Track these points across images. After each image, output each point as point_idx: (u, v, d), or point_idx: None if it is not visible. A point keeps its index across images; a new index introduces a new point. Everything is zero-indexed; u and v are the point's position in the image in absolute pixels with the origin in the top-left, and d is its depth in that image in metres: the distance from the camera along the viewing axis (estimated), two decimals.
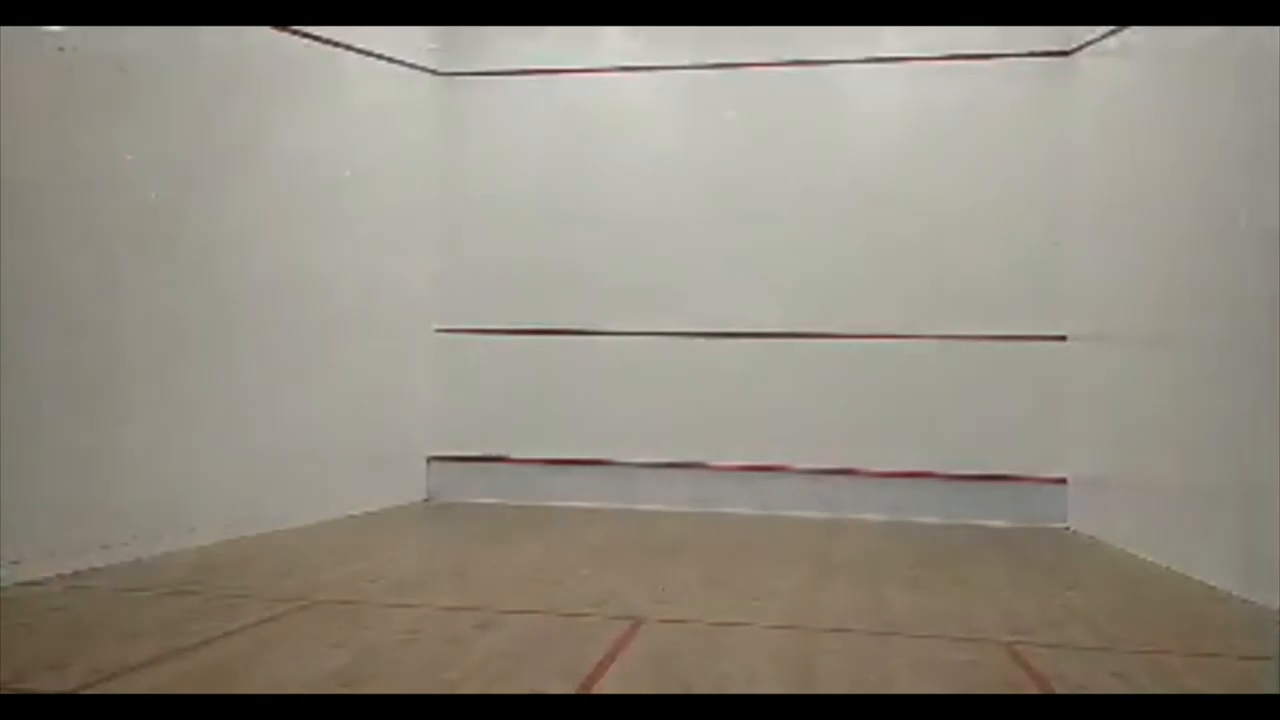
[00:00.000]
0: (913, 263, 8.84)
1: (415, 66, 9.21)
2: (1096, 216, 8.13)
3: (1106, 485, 7.92)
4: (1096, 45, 8.17)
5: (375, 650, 4.33)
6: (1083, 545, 7.72)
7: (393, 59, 8.93)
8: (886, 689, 3.92)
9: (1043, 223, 8.70)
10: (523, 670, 4.08)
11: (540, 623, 4.90)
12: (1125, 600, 5.73)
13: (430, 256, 9.45)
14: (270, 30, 7.49)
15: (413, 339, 9.36)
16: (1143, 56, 7.53)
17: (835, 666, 4.23)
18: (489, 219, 9.54)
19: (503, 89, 9.59)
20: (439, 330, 9.54)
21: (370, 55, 8.62)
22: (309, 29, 7.88)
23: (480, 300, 9.52)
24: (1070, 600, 5.67)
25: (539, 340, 9.40)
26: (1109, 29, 7.89)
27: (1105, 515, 7.85)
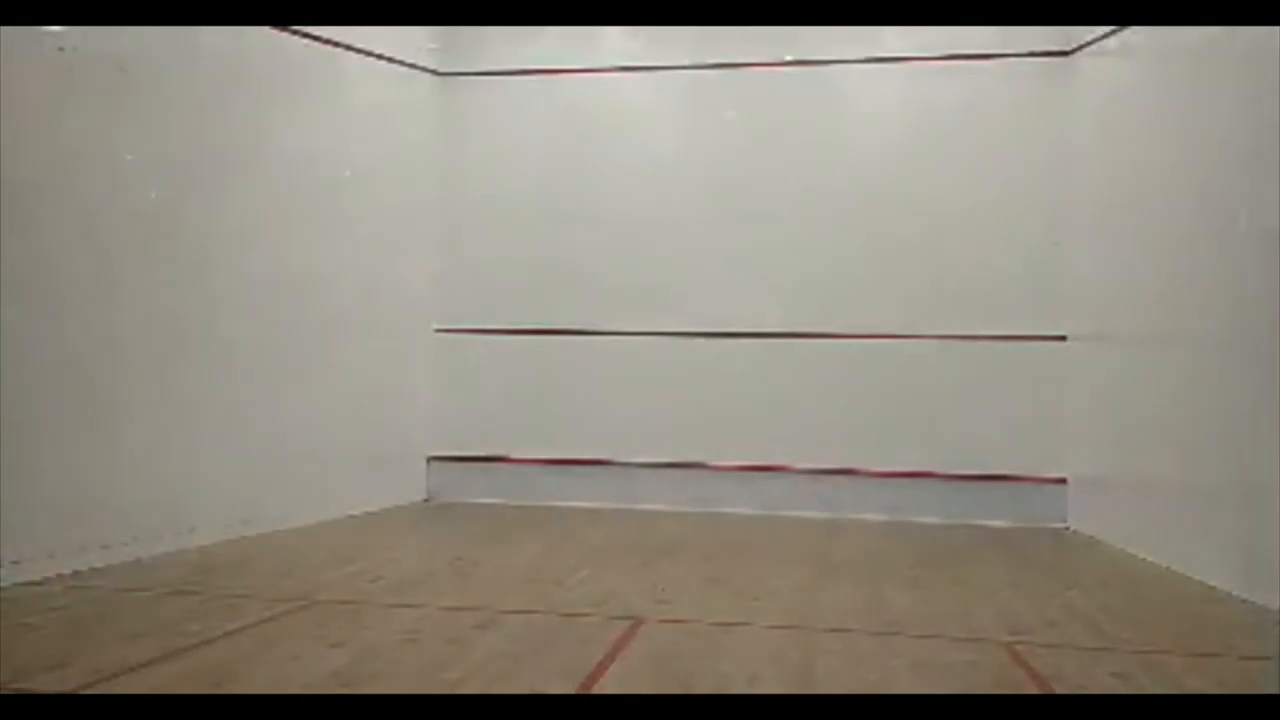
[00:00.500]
0: (913, 263, 8.84)
1: (415, 66, 9.21)
2: (1096, 216, 8.13)
3: (1106, 485, 7.92)
4: (1096, 45, 8.17)
5: (375, 650, 4.33)
6: (1083, 545, 7.72)
7: (393, 59, 8.93)
8: (886, 689, 3.92)
9: (1043, 223, 8.70)
10: (523, 670, 4.08)
11: (540, 623, 4.90)
12: (1125, 600, 5.73)
13: (430, 256, 9.45)
14: (270, 30, 7.50)
15: (413, 339, 9.36)
16: (1143, 56, 7.53)
17: (835, 666, 4.23)
18: (489, 219, 9.55)
19: (503, 89, 9.59)
20: (439, 330, 9.54)
21: (370, 55, 8.62)
22: (309, 29, 7.88)
23: (480, 300, 9.52)
24: (1070, 600, 5.67)
25: (539, 340, 9.41)
26: (1109, 29, 7.89)
27: (1105, 515, 7.85)
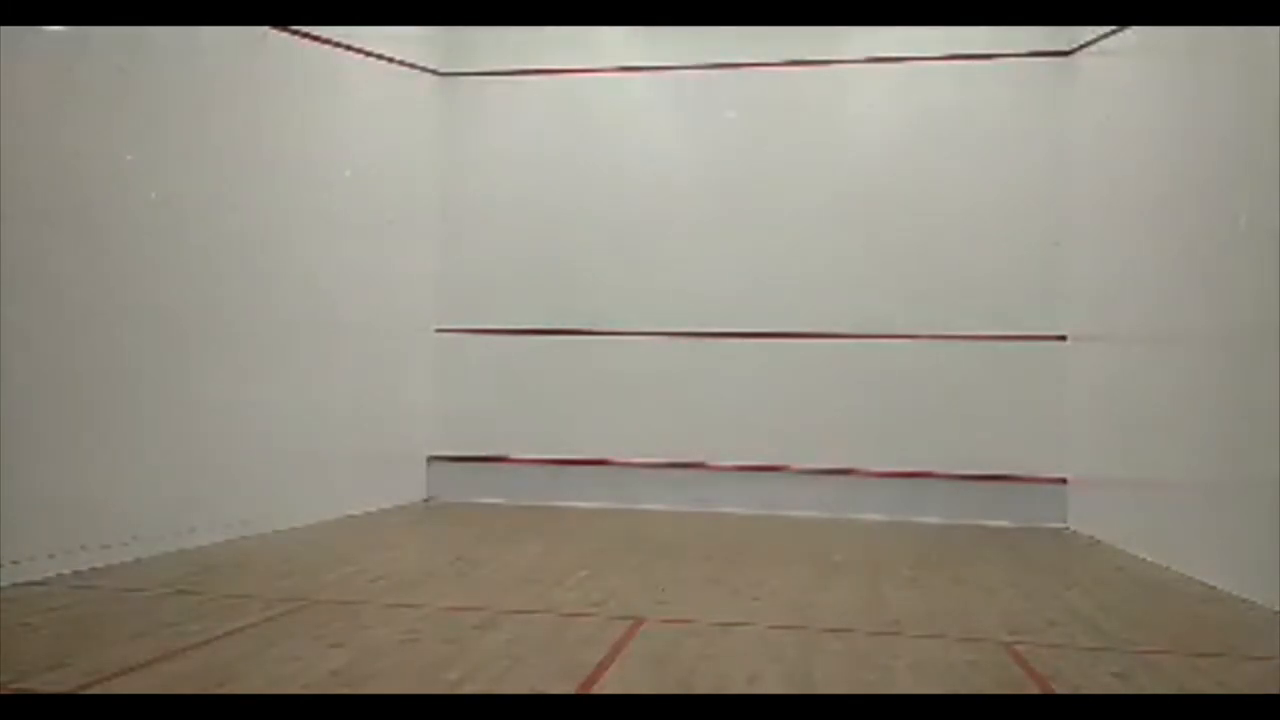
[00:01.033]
0: (913, 262, 8.85)
1: (415, 66, 9.21)
2: (1096, 216, 8.13)
3: (1106, 485, 7.92)
4: (1096, 45, 8.18)
5: (375, 650, 4.33)
6: (1083, 545, 7.72)
7: (393, 59, 8.94)
8: (886, 689, 3.92)
9: (1043, 223, 8.70)
10: (523, 670, 4.08)
11: (540, 623, 4.90)
12: (1125, 600, 5.73)
13: (430, 256, 9.45)
14: (270, 30, 7.49)
15: (413, 339, 9.36)
16: (1143, 56, 7.53)
17: (835, 666, 4.23)
18: (489, 219, 9.55)
19: (503, 89, 9.60)
20: (439, 330, 9.55)
21: (370, 55, 8.62)
22: (309, 29, 7.88)
23: (480, 300, 9.52)
24: (1070, 600, 5.67)
25: (539, 340, 9.41)
26: (1109, 29, 7.89)
27: (1105, 515, 7.85)
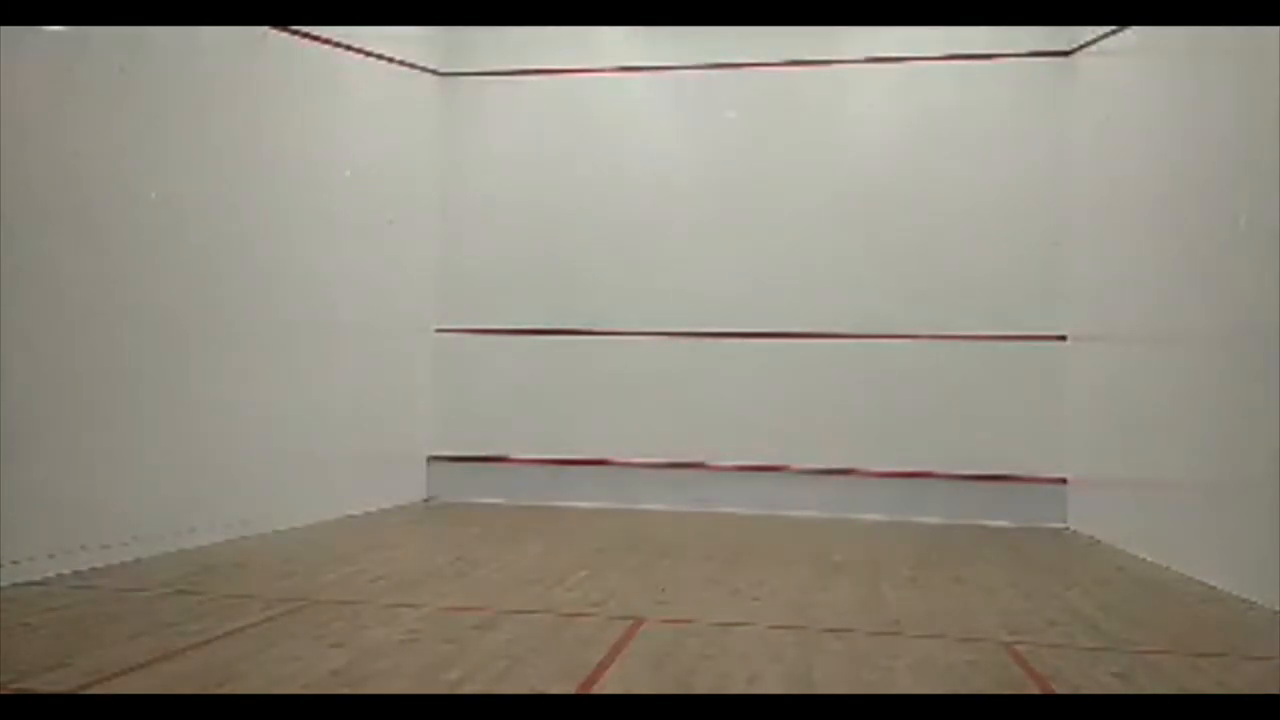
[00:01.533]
0: (913, 262, 8.85)
1: (415, 66, 9.21)
2: (1096, 216, 8.13)
3: (1106, 485, 7.92)
4: (1096, 45, 8.18)
5: (375, 650, 4.33)
6: (1083, 545, 7.72)
7: (393, 59, 8.94)
8: (886, 689, 3.92)
9: (1043, 223, 8.70)
10: (523, 670, 4.08)
11: (540, 623, 4.90)
12: (1125, 600, 5.73)
13: (430, 256, 9.45)
14: (270, 30, 7.49)
15: (413, 339, 9.36)
16: (1143, 56, 7.53)
17: (835, 666, 4.23)
18: (489, 219, 9.55)
19: (503, 89, 9.60)
20: (439, 330, 9.55)
21: (370, 55, 8.62)
22: (309, 29, 7.88)
23: (480, 300, 9.52)
24: (1070, 600, 5.67)
25: (539, 340, 9.41)
26: (1109, 29, 7.89)
27: (1105, 515, 7.85)
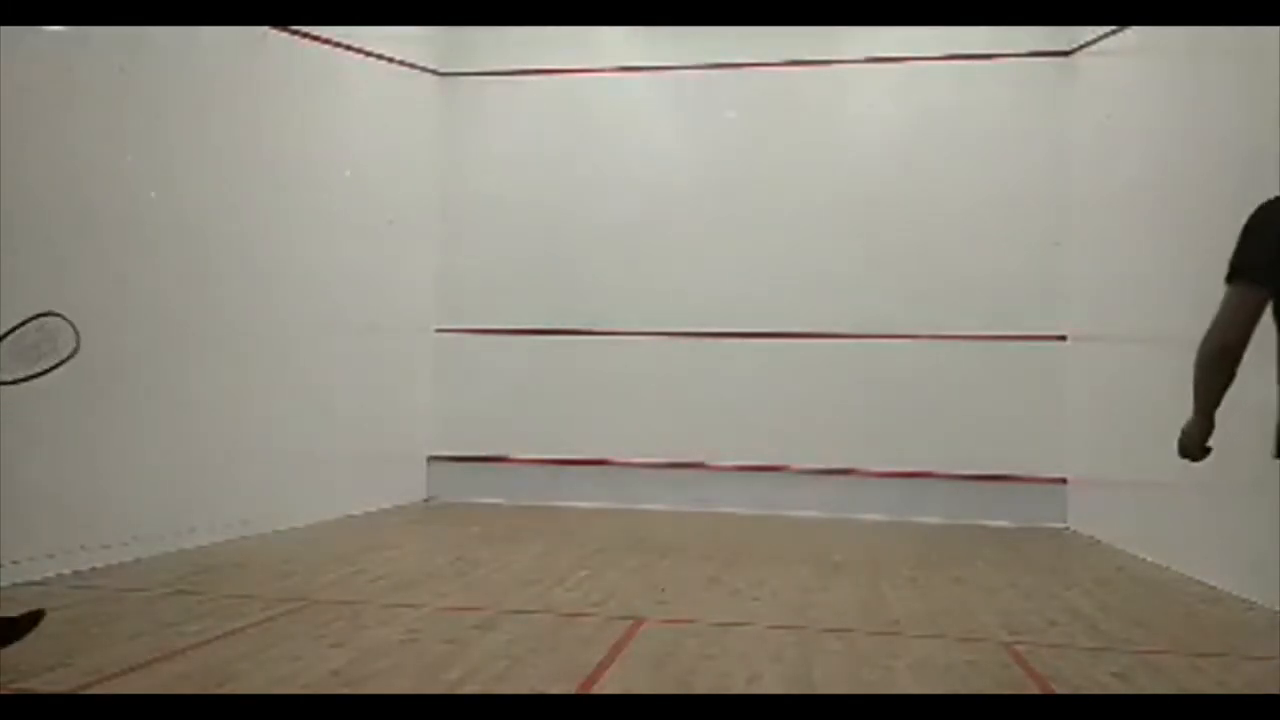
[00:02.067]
0: (913, 262, 8.84)
1: (415, 66, 9.21)
2: (1096, 216, 8.13)
3: (1106, 485, 7.92)
4: (1096, 45, 8.17)
5: (375, 650, 4.32)
6: (1083, 545, 7.72)
7: (393, 59, 8.93)
8: (886, 689, 3.92)
9: (1043, 223, 8.70)
10: (523, 670, 4.08)
11: (540, 623, 4.90)
12: (1125, 600, 5.73)
13: (430, 256, 9.45)
14: (270, 30, 7.49)
15: (413, 339, 9.36)
16: (1143, 56, 7.53)
17: (835, 666, 4.23)
18: (489, 219, 9.54)
19: (503, 89, 9.60)
20: (439, 330, 9.54)
21: (370, 55, 8.62)
22: (309, 29, 7.87)
23: (480, 300, 9.52)
24: (1070, 600, 5.67)
25: (539, 340, 9.41)
26: (1109, 29, 7.89)
27: (1105, 515, 7.85)
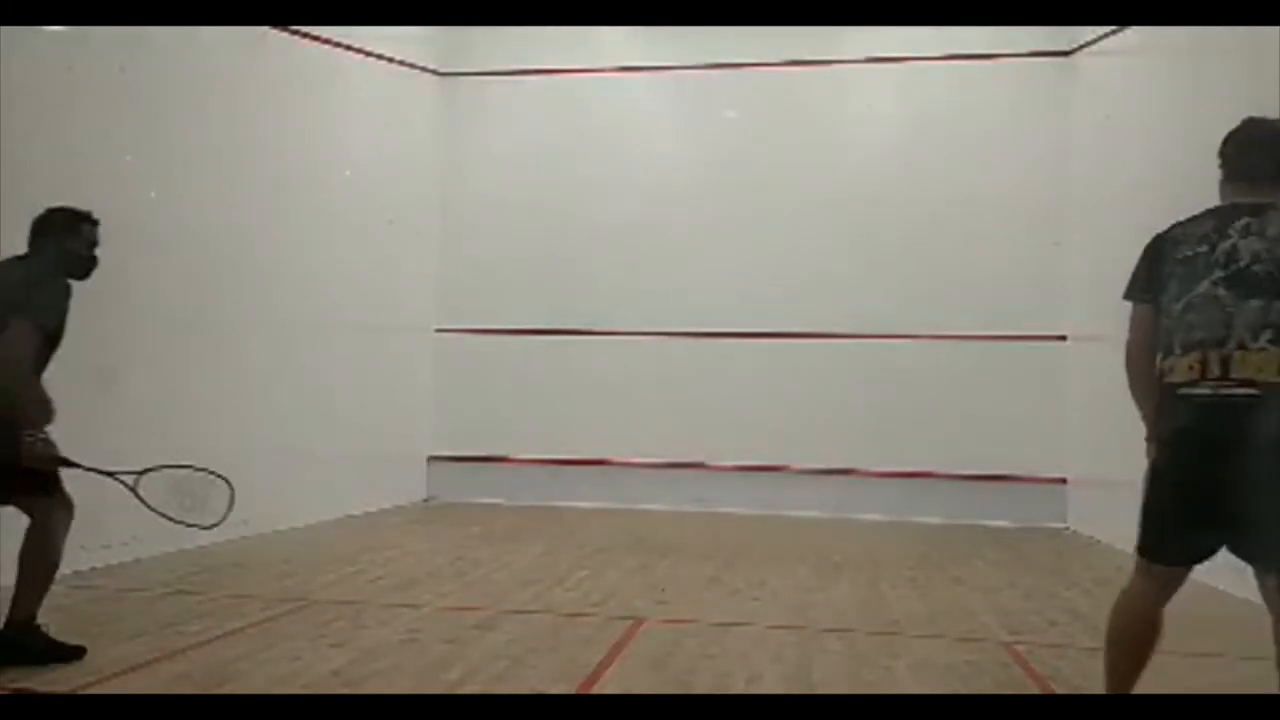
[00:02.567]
0: (912, 262, 8.84)
1: (415, 66, 9.21)
2: (1097, 216, 8.13)
3: (1106, 485, 7.91)
4: (1096, 45, 8.17)
5: (375, 650, 4.33)
6: (1083, 545, 7.72)
7: (393, 59, 8.93)
8: (886, 689, 3.92)
9: (1043, 223, 8.70)
10: (523, 670, 4.08)
11: (540, 623, 4.90)
12: None
13: (430, 256, 9.45)
14: (270, 30, 7.49)
15: (413, 339, 9.36)
16: (1143, 56, 7.53)
17: (835, 666, 4.23)
18: (489, 219, 9.54)
19: (503, 89, 9.60)
20: (439, 330, 9.54)
21: (370, 55, 8.62)
22: (309, 29, 7.87)
23: (480, 300, 9.52)
24: (1070, 600, 5.67)
25: (539, 340, 9.41)
26: (1109, 29, 7.89)
27: (1105, 515, 7.84)
